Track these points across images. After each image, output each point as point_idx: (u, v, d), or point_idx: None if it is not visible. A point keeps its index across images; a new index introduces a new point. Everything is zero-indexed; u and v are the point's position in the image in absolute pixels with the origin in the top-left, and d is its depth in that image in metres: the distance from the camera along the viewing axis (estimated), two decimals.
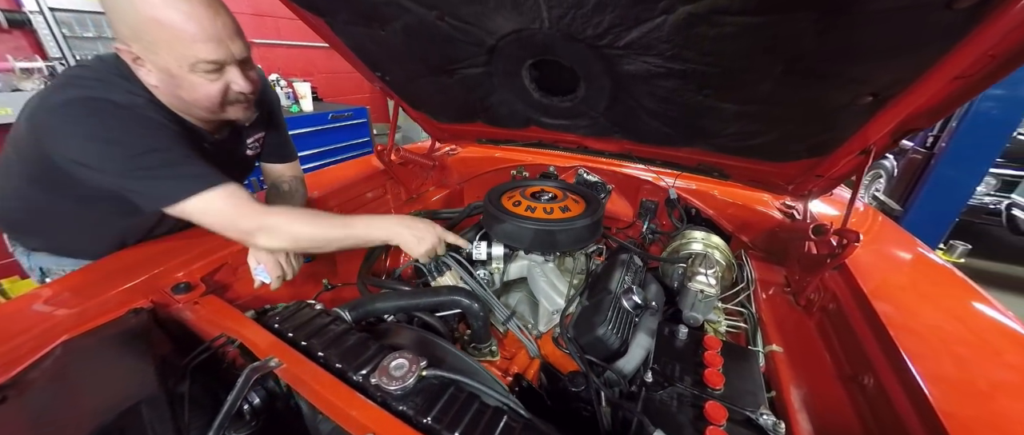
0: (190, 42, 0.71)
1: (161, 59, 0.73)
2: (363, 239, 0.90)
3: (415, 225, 0.96)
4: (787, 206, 1.27)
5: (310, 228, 0.84)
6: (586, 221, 1.06)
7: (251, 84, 0.85)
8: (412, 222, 0.97)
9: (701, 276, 0.91)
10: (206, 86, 0.78)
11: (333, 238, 0.87)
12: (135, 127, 0.74)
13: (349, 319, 0.76)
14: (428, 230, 0.97)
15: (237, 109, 0.88)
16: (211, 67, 0.76)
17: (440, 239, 0.99)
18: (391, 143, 1.44)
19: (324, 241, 0.86)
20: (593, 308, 0.99)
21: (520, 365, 0.96)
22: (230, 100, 0.85)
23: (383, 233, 0.92)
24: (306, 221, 0.85)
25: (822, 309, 0.90)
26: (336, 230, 0.87)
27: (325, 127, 3.09)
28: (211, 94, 0.80)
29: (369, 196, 1.49)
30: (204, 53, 0.73)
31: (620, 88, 0.94)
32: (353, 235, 0.88)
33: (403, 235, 0.94)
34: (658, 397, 0.65)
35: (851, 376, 0.73)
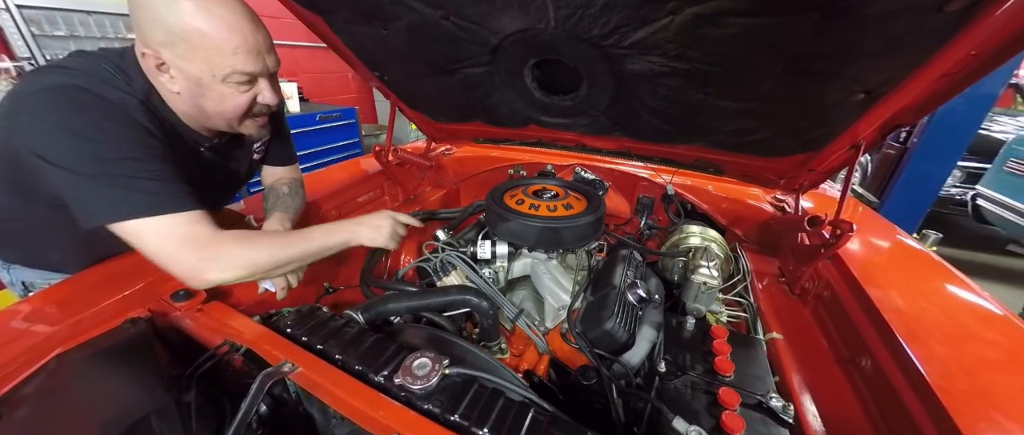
0: (231, 53, 0.71)
1: (193, 68, 0.71)
2: (324, 248, 0.87)
3: (368, 218, 0.96)
4: (777, 200, 1.32)
5: (268, 251, 0.78)
6: (589, 218, 1.08)
7: (278, 96, 0.85)
8: (365, 217, 0.96)
9: (704, 269, 0.94)
10: (235, 97, 0.77)
11: (294, 255, 0.82)
12: (116, 128, 0.68)
13: (362, 321, 0.75)
14: (382, 217, 0.97)
15: (253, 125, 0.87)
16: (245, 78, 0.75)
17: (397, 221, 0.99)
18: (388, 143, 1.43)
19: (286, 260, 0.81)
20: (599, 303, 1.01)
21: (529, 361, 0.97)
22: (253, 113, 0.84)
23: (341, 237, 0.90)
24: (263, 244, 0.78)
25: (817, 297, 0.94)
26: (296, 247, 0.82)
27: (313, 128, 3.02)
28: (239, 105, 0.79)
29: (366, 197, 1.48)
30: (243, 64, 0.73)
31: (622, 87, 0.96)
32: (313, 247, 0.85)
33: (360, 232, 0.93)
34: (672, 386, 0.67)
35: (848, 359, 0.77)
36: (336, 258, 1.18)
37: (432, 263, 1.12)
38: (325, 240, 0.88)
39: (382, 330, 0.77)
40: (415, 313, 0.87)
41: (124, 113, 0.70)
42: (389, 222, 0.98)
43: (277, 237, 0.83)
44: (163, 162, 0.72)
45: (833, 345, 0.83)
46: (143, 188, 0.68)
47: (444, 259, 1.08)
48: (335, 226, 0.91)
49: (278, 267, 0.81)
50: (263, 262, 0.77)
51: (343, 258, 1.28)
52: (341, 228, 0.92)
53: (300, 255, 0.83)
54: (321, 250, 0.87)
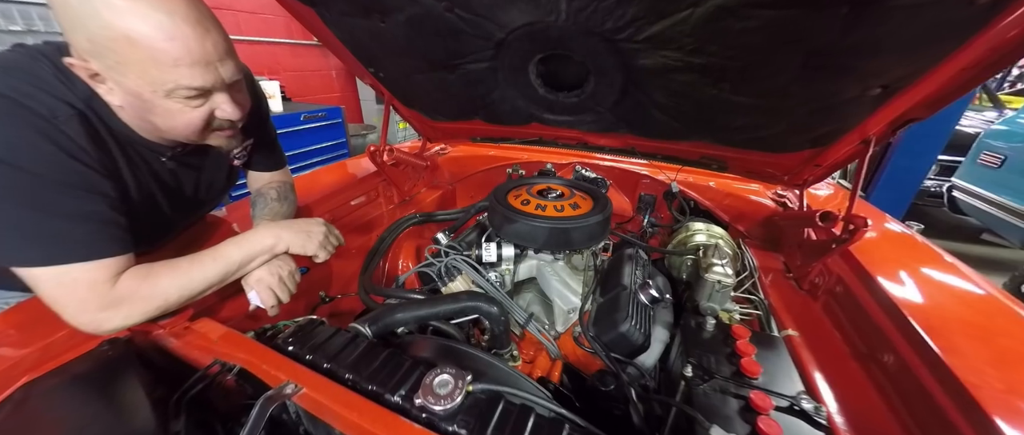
0: (171, 66, 0.59)
1: (130, 82, 0.60)
2: (246, 260, 0.78)
3: (294, 223, 0.87)
4: (779, 195, 1.33)
5: (176, 282, 0.70)
6: (598, 217, 1.05)
7: (240, 110, 0.73)
8: (291, 222, 0.87)
9: (718, 267, 0.92)
10: (185, 114, 0.67)
11: (209, 277, 0.73)
12: (30, 149, 0.58)
13: (370, 334, 0.70)
14: (313, 223, 0.89)
15: (220, 137, 0.78)
16: (194, 93, 0.64)
17: (330, 231, 0.91)
18: (383, 142, 1.37)
19: (202, 286, 0.73)
20: (611, 305, 0.98)
21: (542, 368, 0.93)
22: (214, 127, 0.75)
23: (262, 244, 0.80)
24: (166, 276, 0.70)
25: (828, 292, 0.94)
26: (208, 268, 0.73)
27: (297, 129, 2.91)
28: (192, 122, 0.69)
29: (361, 200, 1.41)
30: (187, 79, 0.61)
31: (632, 83, 0.93)
32: (230, 264, 0.76)
33: (285, 236, 0.83)
34: (701, 391, 0.65)
35: (867, 355, 0.77)
36: (329, 264, 1.12)
37: (436, 267, 1.07)
38: (243, 252, 0.78)
39: (390, 343, 0.72)
40: (423, 322, 0.83)
41: (48, 129, 0.59)
42: (321, 229, 0.89)
43: (182, 264, 0.73)
44: (84, 192, 0.63)
45: (849, 341, 0.83)
46: (44, 230, 0.59)
47: (449, 263, 1.03)
48: (251, 234, 0.81)
49: (194, 295, 0.73)
50: (173, 296, 0.70)
51: (337, 264, 1.22)
52: (259, 235, 0.81)
53: (217, 276, 0.75)
54: (241, 264, 0.78)
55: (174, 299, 0.71)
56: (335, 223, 1.30)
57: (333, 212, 1.28)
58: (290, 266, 0.87)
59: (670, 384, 0.85)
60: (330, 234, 0.92)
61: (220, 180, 0.98)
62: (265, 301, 0.82)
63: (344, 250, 1.23)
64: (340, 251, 1.22)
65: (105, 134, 0.69)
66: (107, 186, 0.68)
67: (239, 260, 0.78)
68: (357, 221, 1.37)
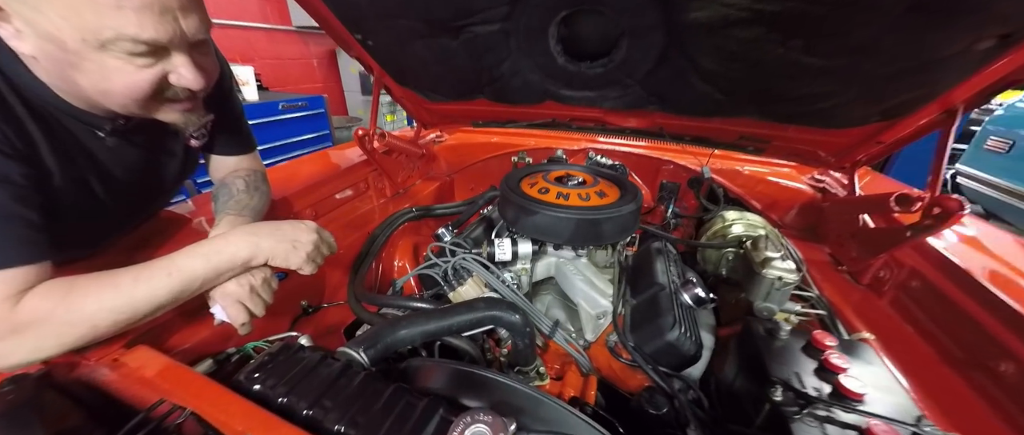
0: (112, 8, 0.44)
1: (48, 23, 0.45)
2: (208, 277, 0.60)
3: (277, 228, 0.68)
4: (817, 180, 1.21)
5: (108, 302, 0.52)
6: (631, 206, 0.90)
7: (204, 78, 0.56)
8: (273, 226, 0.68)
9: (777, 261, 0.79)
10: (127, 75, 0.50)
11: (158, 297, 0.55)
12: None
13: (366, 362, 0.53)
14: (301, 230, 0.69)
15: (174, 111, 0.59)
16: (144, 49, 0.48)
17: (323, 238, 0.72)
18: (373, 126, 1.19)
19: (147, 307, 0.55)
20: (649, 307, 0.84)
21: (574, 385, 0.78)
22: (168, 97, 0.56)
23: (234, 257, 0.62)
24: (94, 294, 0.52)
25: (900, 287, 0.82)
26: (157, 284, 0.55)
27: (275, 119, 2.67)
28: (134, 87, 0.51)
29: (348, 193, 1.23)
30: (134, 27, 0.46)
31: (675, 45, 0.78)
32: (189, 281, 0.58)
33: (263, 246, 0.64)
34: (801, 420, 0.50)
35: (968, 362, 0.65)
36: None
37: (441, 269, 0.91)
38: (208, 265, 0.60)
39: (392, 371, 0.56)
40: (431, 339, 0.66)
41: None
42: (310, 237, 0.69)
43: (122, 279, 0.55)
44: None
45: (937, 345, 0.70)
46: None
47: (457, 264, 0.87)
48: (220, 243, 0.62)
49: (134, 319, 0.55)
50: (103, 322, 0.52)
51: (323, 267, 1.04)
52: (231, 245, 0.63)
53: (169, 296, 0.57)
54: (205, 281, 0.60)
55: (105, 326, 0.53)
56: (318, 220, 1.12)
57: (315, 207, 1.10)
58: (264, 273, 0.69)
59: (731, 403, 0.72)
60: (321, 242, 0.72)
61: (175, 165, 0.79)
62: (234, 318, 0.64)
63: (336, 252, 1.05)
64: None
65: (12, 98, 0.52)
66: (12, 169, 0.51)
67: (202, 276, 0.60)
68: (344, 217, 1.18)
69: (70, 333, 0.52)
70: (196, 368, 0.60)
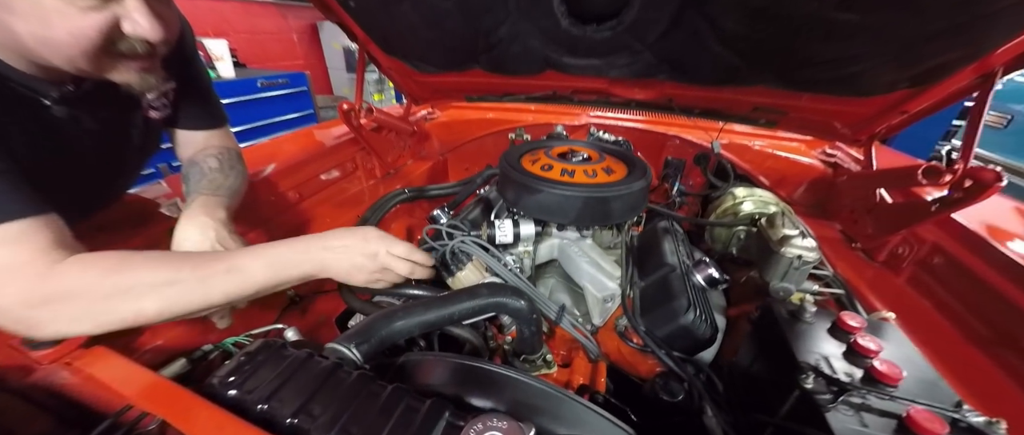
0: None
1: None
2: (267, 283, 0.57)
3: (346, 239, 0.63)
4: (828, 155, 1.16)
5: (165, 279, 0.49)
6: (641, 183, 0.84)
7: (163, 29, 0.49)
8: (341, 236, 0.64)
9: (796, 239, 0.74)
10: (70, 18, 0.43)
11: (212, 293, 0.52)
12: None
13: (358, 359, 0.47)
14: (370, 241, 0.65)
15: (129, 69, 0.51)
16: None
17: (388, 253, 0.66)
18: (359, 100, 1.09)
19: (199, 301, 0.51)
20: (660, 290, 0.79)
21: (582, 372, 0.74)
22: (121, 51, 0.48)
23: (299, 269, 0.59)
24: (146, 278, 0.48)
25: (919, 264, 0.78)
26: (214, 281, 0.52)
27: (253, 97, 2.51)
28: (80, 33, 0.44)
29: (334, 174, 1.14)
30: None
31: (692, 2, 0.71)
32: (245, 285, 0.55)
33: (332, 266, 0.62)
34: (837, 409, 0.47)
35: (998, 341, 0.62)
36: None
37: (437, 254, 0.84)
38: (270, 273, 0.57)
39: (388, 367, 0.50)
40: (430, 330, 0.61)
41: None
42: (376, 263, 0.65)
43: (178, 262, 0.51)
44: None
45: (963, 324, 0.67)
46: None
47: (456, 248, 0.81)
48: (286, 250, 0.59)
49: (180, 312, 0.51)
50: (150, 308, 0.48)
51: None
52: (296, 254, 0.60)
53: (222, 297, 0.53)
54: (260, 290, 0.56)
55: (151, 312, 0.48)
56: (303, 203, 1.04)
57: (300, 188, 1.02)
58: None
59: (748, 389, 0.68)
60: (392, 258, 0.66)
61: (134, 141, 0.70)
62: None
63: None
64: None
65: None
66: None
67: (261, 282, 0.56)
68: (331, 199, 1.11)
69: (111, 312, 0.48)
70: (167, 369, 0.54)
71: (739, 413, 0.63)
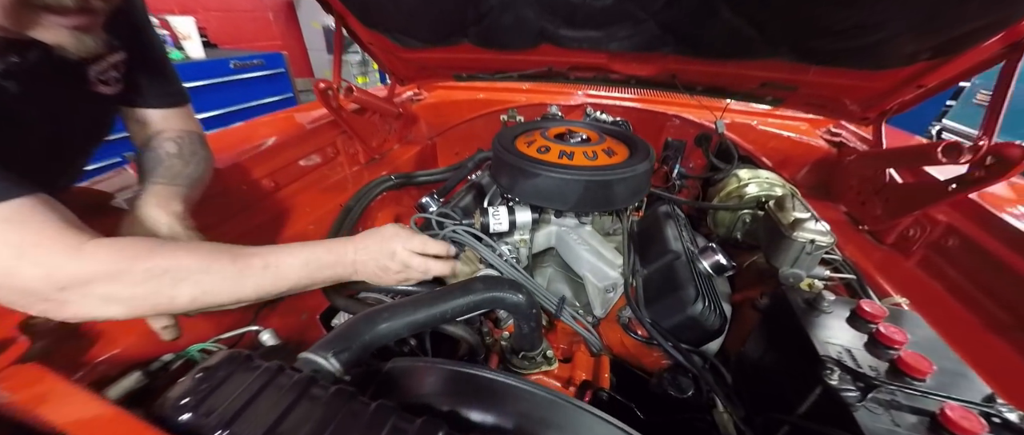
0: None
1: None
2: (300, 283, 0.56)
3: (371, 240, 0.64)
4: (832, 134, 1.12)
5: (203, 267, 0.48)
6: (645, 166, 0.79)
7: None
8: (369, 236, 0.64)
9: (810, 222, 0.70)
10: None
11: (245, 286, 0.51)
12: None
13: (337, 370, 0.41)
14: (388, 240, 0.64)
15: (56, 26, 0.42)
16: None
17: (405, 249, 0.65)
18: (337, 77, 1.00)
19: (231, 293, 0.50)
20: (665, 278, 0.75)
21: (585, 368, 0.70)
22: (46, 3, 0.40)
23: (333, 270, 0.60)
24: (193, 256, 0.48)
25: (932, 246, 0.75)
26: (249, 274, 0.51)
27: (226, 79, 2.35)
28: None
29: (314, 160, 1.06)
30: None
31: None
32: (280, 282, 0.54)
33: (362, 268, 0.63)
34: (866, 407, 0.43)
35: (1018, 326, 0.59)
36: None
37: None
38: (304, 272, 0.57)
39: (373, 376, 0.44)
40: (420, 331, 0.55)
41: None
42: (395, 254, 0.64)
43: (216, 251, 0.50)
44: None
45: (981, 310, 0.65)
46: None
47: (447, 238, 0.75)
48: (320, 250, 0.59)
49: (211, 303, 0.49)
50: (183, 296, 0.47)
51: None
52: (330, 253, 0.60)
53: (254, 291, 0.52)
54: (293, 288, 0.56)
55: (183, 301, 0.47)
56: (281, 192, 0.96)
57: (275, 176, 0.93)
58: None
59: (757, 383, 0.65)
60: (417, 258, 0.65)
61: (82, 122, 0.61)
62: (153, 321, 0.51)
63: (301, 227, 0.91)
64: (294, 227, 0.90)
65: None
66: None
67: (294, 281, 0.56)
68: (312, 187, 1.03)
69: (146, 297, 0.45)
70: (118, 385, 0.47)
71: (750, 408, 0.60)
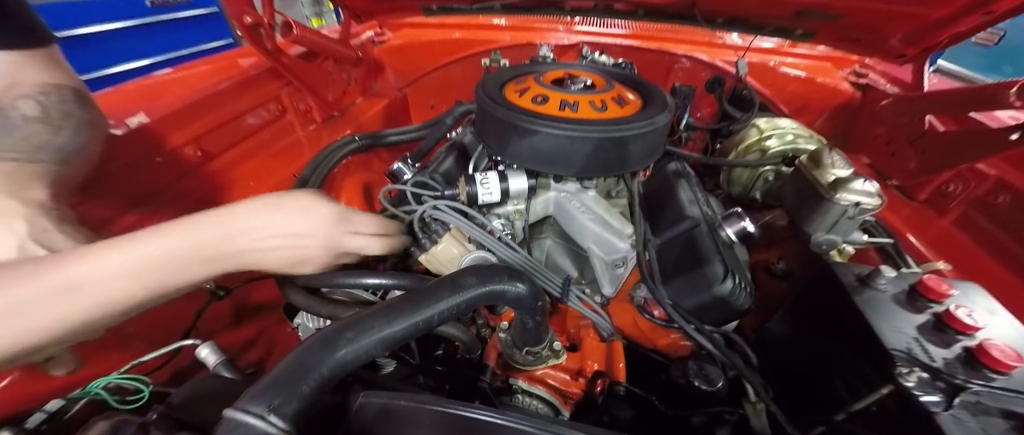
0: None
1: None
2: (135, 301, 0.36)
3: (278, 218, 0.43)
4: (858, 74, 1.00)
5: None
6: (664, 117, 0.65)
7: None
8: (269, 211, 0.43)
9: (857, 182, 0.60)
10: None
11: (43, 324, 0.33)
12: None
13: (278, 433, 0.29)
14: (319, 222, 0.46)
15: None
16: None
17: (349, 233, 0.48)
18: (269, 7, 0.77)
19: (27, 338, 0.32)
20: (685, 250, 0.65)
21: (596, 357, 0.62)
22: None
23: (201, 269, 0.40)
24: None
25: (971, 204, 0.68)
26: (46, 302, 0.33)
27: (140, 22, 1.94)
28: None
29: (256, 119, 0.86)
30: None
31: None
32: (100, 303, 0.35)
33: (260, 256, 0.43)
34: (948, 414, 0.36)
35: None
36: None
37: (405, 222, 0.64)
38: (141, 287, 0.37)
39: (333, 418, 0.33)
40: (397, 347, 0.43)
41: None
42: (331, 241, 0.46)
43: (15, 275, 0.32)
44: None
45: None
46: None
47: (428, 215, 0.61)
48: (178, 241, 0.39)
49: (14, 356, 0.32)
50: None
51: None
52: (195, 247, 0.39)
53: (63, 329, 0.34)
54: (130, 308, 0.37)
55: None
56: (207, 163, 0.77)
57: (201, 142, 0.74)
58: None
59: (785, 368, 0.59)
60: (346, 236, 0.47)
61: None
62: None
63: None
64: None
65: None
66: None
67: (127, 302, 0.36)
68: (254, 153, 0.84)
69: None
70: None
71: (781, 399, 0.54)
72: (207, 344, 0.51)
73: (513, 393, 0.59)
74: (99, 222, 0.53)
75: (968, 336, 0.42)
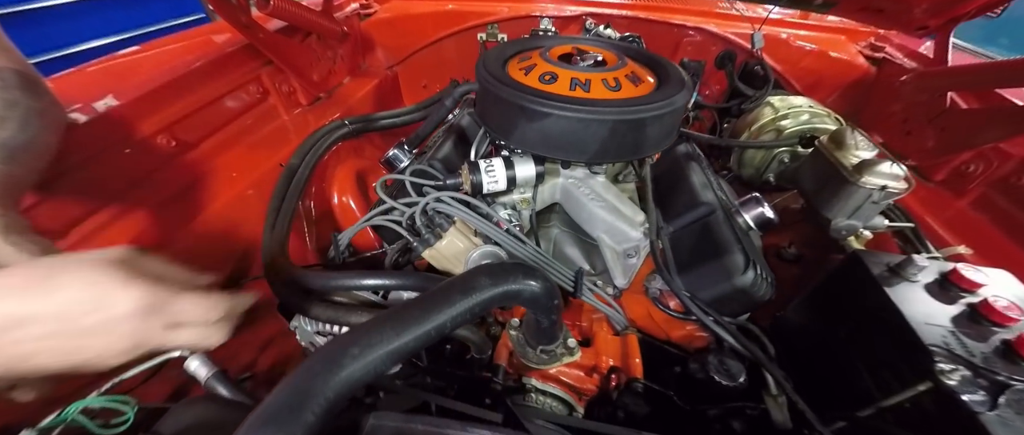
0: None
1: None
2: None
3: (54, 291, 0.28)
4: (875, 47, 0.95)
5: None
6: (683, 97, 0.60)
7: None
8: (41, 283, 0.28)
9: (884, 165, 0.57)
10: None
11: None
12: None
13: None
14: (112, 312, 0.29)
15: None
16: None
17: (165, 326, 0.32)
18: None
19: None
20: (701, 238, 0.63)
21: (611, 353, 0.59)
22: None
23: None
24: None
25: (991, 184, 0.66)
26: None
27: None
28: None
29: (228, 105, 0.79)
30: None
31: None
32: None
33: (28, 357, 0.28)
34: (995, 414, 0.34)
35: None
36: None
37: (404, 216, 0.60)
38: None
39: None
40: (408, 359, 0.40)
41: None
42: (137, 333, 0.30)
43: None
44: None
45: None
46: None
47: (433, 208, 0.56)
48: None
49: None
50: None
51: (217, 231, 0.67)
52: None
53: None
54: None
55: None
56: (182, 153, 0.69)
57: (174, 130, 0.67)
58: None
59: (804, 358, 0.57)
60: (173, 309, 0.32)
61: None
62: None
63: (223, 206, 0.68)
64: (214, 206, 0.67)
65: None
66: None
67: None
68: (234, 142, 0.77)
69: None
70: None
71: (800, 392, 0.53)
72: (196, 356, 0.47)
73: (527, 392, 0.57)
74: (62, 226, 0.47)
75: (1006, 328, 0.41)
